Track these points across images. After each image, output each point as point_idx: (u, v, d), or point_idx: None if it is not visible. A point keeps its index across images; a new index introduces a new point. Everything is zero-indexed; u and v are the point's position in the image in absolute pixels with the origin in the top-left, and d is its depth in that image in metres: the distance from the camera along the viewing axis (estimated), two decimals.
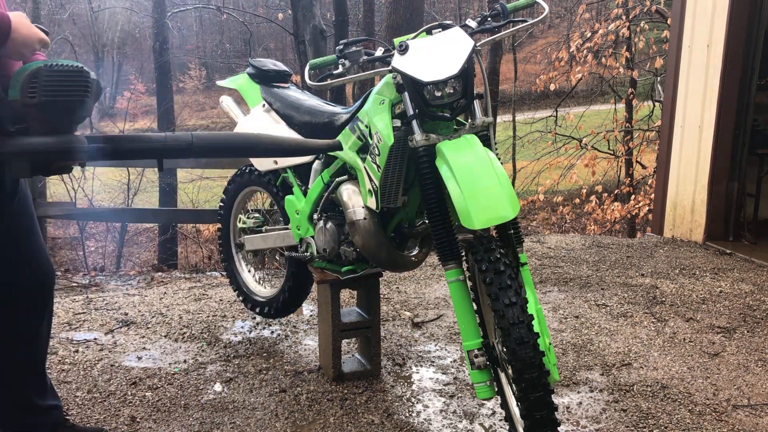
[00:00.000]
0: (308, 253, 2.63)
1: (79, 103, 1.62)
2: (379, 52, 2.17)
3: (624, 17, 9.69)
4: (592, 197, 10.11)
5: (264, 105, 2.75)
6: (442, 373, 2.71)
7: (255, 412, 2.39)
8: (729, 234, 4.91)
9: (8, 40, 1.58)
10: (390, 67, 2.02)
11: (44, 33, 1.68)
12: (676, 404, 2.44)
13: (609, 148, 11.07)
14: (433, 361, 2.83)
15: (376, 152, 2.11)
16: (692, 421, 2.33)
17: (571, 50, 10.21)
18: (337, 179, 2.39)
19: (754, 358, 2.85)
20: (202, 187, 11.82)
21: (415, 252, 2.47)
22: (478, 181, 1.81)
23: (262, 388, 2.58)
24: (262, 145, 1.88)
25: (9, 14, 1.59)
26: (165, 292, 3.80)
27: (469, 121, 2.06)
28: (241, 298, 3.16)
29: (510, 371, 1.78)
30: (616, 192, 10.44)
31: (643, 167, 10.68)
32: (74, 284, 4.49)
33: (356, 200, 2.26)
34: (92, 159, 1.68)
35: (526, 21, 2.19)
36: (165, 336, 3.10)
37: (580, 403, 2.46)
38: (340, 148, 2.17)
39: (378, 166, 2.10)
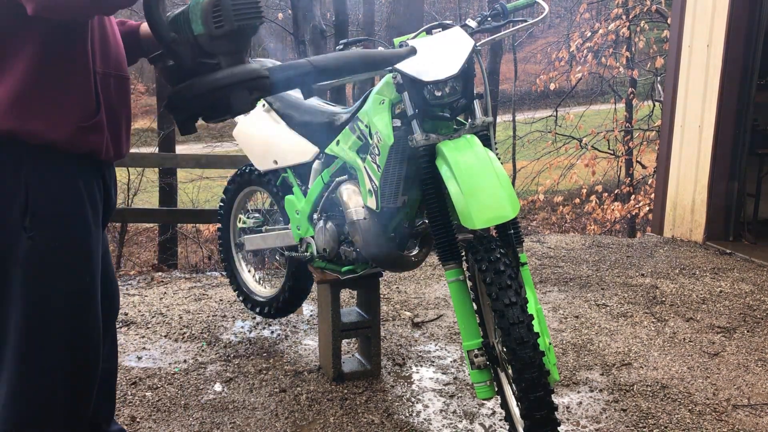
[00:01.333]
0: (308, 253, 2.62)
1: (256, 31, 1.51)
2: None
3: (624, 17, 9.69)
4: (592, 197, 10.11)
5: (264, 105, 2.75)
6: (442, 373, 2.71)
7: (255, 412, 2.39)
8: (729, 234, 4.90)
9: None
10: (390, 67, 2.02)
11: None
12: (676, 404, 2.44)
13: (609, 148, 11.07)
14: (433, 361, 2.83)
15: (376, 152, 2.11)
16: (692, 421, 2.33)
17: (571, 50, 10.22)
18: (337, 179, 2.39)
19: (754, 358, 2.85)
20: (202, 187, 11.80)
21: (415, 252, 2.47)
22: (478, 181, 1.81)
23: (262, 388, 2.57)
24: (360, 61, 1.79)
25: None
26: (165, 292, 3.80)
27: (469, 120, 2.06)
28: (241, 298, 3.16)
29: (510, 371, 1.78)
30: (616, 192, 10.44)
31: (643, 167, 10.68)
32: None
33: (356, 200, 2.26)
34: (277, 90, 1.58)
35: (526, 21, 2.19)
36: (165, 336, 3.10)
37: (580, 403, 2.46)
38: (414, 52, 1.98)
39: (378, 166, 2.10)
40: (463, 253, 1.99)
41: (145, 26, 1.65)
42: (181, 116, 1.50)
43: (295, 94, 2.76)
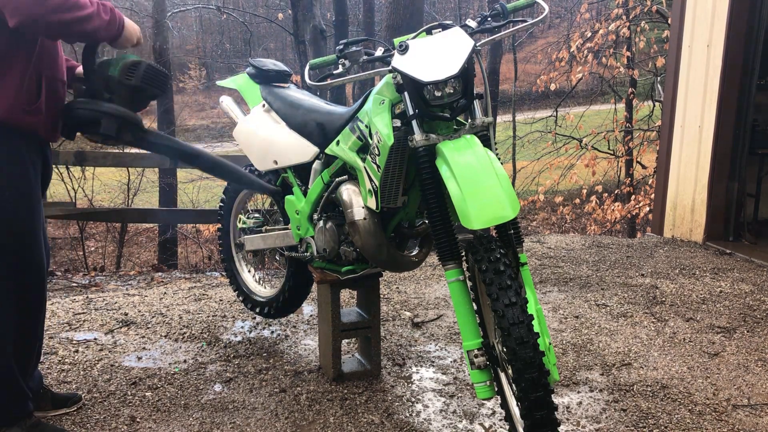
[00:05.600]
0: (308, 253, 2.62)
1: (154, 98, 2.14)
2: (379, 52, 2.17)
3: (624, 17, 9.69)
4: (592, 197, 10.11)
5: (264, 105, 2.75)
6: (442, 373, 2.71)
7: (255, 412, 2.39)
8: (729, 234, 4.91)
9: (121, 35, 1.99)
10: (390, 67, 2.02)
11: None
12: (676, 404, 2.45)
13: (609, 148, 11.07)
14: (433, 361, 2.83)
15: (376, 152, 2.11)
16: (692, 421, 2.33)
17: (571, 50, 10.22)
18: (337, 179, 2.39)
19: (754, 358, 2.85)
20: (202, 187, 11.82)
21: (415, 252, 2.47)
22: (477, 181, 1.81)
23: (262, 388, 2.58)
24: (219, 168, 2.42)
25: (120, 12, 1.98)
26: (165, 292, 3.80)
27: (469, 121, 2.05)
28: (241, 298, 3.16)
29: (510, 371, 1.78)
30: (616, 192, 10.45)
31: (643, 167, 10.68)
32: (74, 284, 4.49)
33: (356, 200, 2.26)
34: (141, 144, 2.13)
35: (526, 21, 2.19)
36: (165, 336, 3.10)
37: (580, 403, 2.46)
38: (280, 195, 2.65)
39: (378, 166, 2.10)
40: (463, 253, 1.99)
41: (79, 69, 2.19)
42: (70, 122, 2.05)
43: (296, 93, 2.76)
